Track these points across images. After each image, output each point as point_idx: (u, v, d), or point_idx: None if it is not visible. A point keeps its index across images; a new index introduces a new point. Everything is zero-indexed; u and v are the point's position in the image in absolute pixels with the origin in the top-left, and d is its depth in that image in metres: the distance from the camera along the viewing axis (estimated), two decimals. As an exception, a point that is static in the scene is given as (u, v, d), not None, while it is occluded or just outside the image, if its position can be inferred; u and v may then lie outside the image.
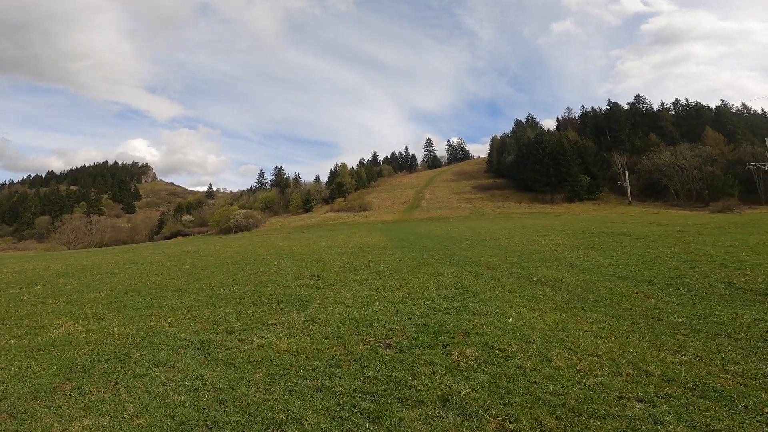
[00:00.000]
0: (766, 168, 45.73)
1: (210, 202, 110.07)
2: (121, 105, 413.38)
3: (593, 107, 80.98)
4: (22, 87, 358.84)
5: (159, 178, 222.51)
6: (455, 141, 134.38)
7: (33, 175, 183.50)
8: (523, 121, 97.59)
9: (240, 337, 5.23)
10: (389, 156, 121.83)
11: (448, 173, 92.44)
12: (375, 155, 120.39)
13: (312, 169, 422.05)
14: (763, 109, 71.87)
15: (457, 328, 5.10)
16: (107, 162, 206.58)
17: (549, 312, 5.78)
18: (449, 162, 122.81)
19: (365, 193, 78.00)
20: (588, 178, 57.55)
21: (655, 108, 75.73)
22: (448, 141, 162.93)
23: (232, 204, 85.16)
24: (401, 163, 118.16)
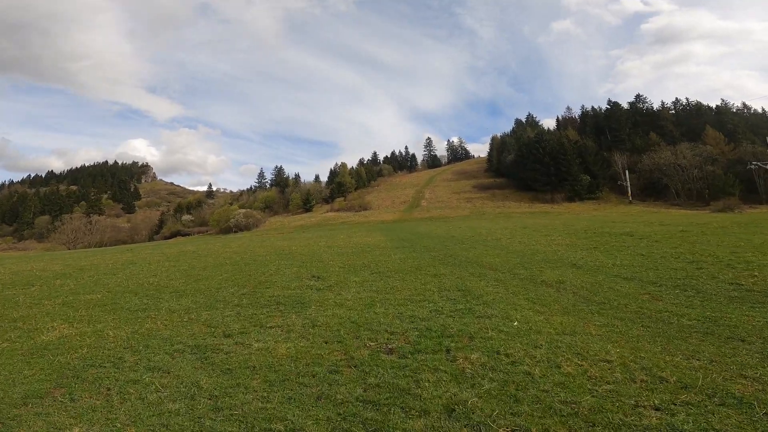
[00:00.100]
0: (766, 167, 45.63)
1: (210, 201, 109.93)
2: (121, 105, 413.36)
3: (593, 107, 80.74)
4: (22, 87, 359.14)
5: (159, 177, 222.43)
6: (455, 140, 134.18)
7: (33, 175, 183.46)
8: (523, 121, 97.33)
9: (238, 341, 5.09)
10: (389, 155, 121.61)
11: (448, 173, 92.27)
12: (375, 155, 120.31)
13: (312, 169, 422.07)
14: (764, 109, 71.72)
15: (461, 332, 4.95)
16: (107, 162, 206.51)
17: (555, 315, 5.63)
18: (449, 161, 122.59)
19: (365, 193, 77.84)
20: (588, 177, 57.40)
21: (656, 107, 75.66)
22: (448, 140, 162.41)
23: (231, 204, 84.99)
24: (401, 163, 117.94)
